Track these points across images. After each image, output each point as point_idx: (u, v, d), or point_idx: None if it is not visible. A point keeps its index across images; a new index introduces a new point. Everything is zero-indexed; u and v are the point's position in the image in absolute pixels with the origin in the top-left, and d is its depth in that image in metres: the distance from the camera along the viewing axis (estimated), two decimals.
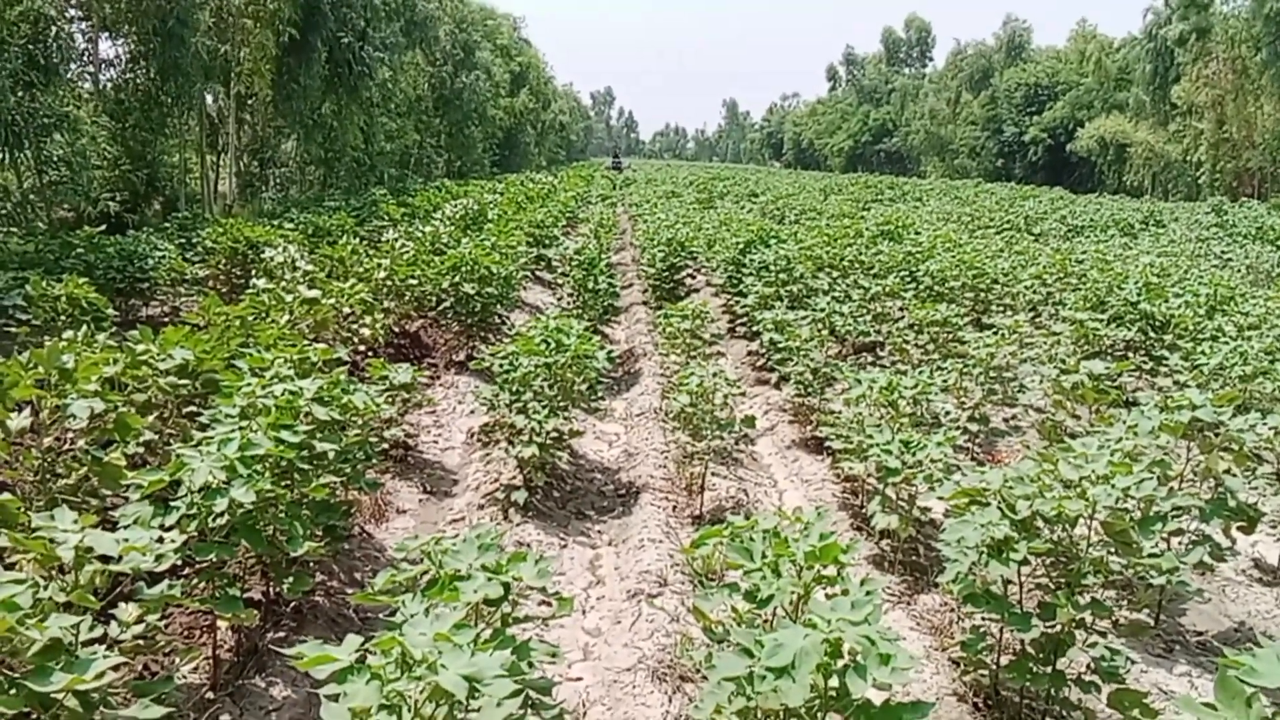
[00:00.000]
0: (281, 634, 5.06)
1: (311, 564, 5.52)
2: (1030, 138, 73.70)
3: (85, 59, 20.22)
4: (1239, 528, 5.52)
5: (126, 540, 3.62)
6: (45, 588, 3.31)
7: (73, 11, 19.35)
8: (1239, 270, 19.08)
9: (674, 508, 7.51)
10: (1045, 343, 10.07)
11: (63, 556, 3.48)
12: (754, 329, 12.02)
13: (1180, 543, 5.65)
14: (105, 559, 3.60)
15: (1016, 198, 42.46)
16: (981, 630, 4.58)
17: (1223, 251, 21.85)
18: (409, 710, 2.63)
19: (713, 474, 7.93)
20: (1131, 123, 59.72)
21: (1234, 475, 5.55)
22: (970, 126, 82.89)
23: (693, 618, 4.94)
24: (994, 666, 4.59)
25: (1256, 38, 46.13)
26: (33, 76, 15.90)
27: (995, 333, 9.73)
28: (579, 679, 5.07)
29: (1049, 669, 4.22)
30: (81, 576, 3.50)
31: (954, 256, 15.24)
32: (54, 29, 17.04)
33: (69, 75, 18.63)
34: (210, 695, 4.49)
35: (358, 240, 15.41)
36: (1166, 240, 24.84)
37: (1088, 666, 4.31)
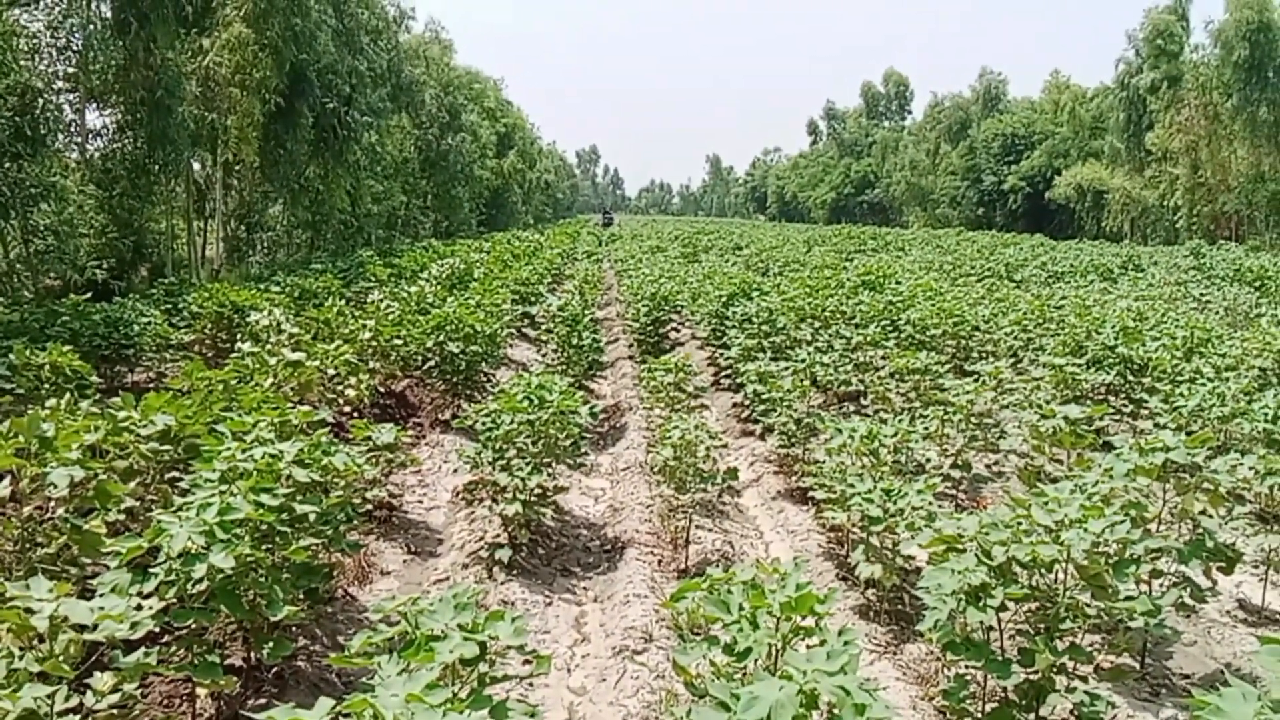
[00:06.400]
0: (262, 700, 5.01)
1: (293, 628, 5.49)
2: (1009, 186, 74.73)
3: (73, 129, 20.47)
4: (1219, 568, 5.55)
5: (102, 608, 3.62)
6: (20, 658, 3.30)
7: (60, 83, 19.62)
8: (1217, 312, 19.30)
9: (659, 562, 7.50)
10: (1025, 388, 10.15)
11: (38, 626, 3.47)
12: (738, 381, 12.08)
13: (1160, 585, 5.67)
14: (81, 628, 3.59)
15: (997, 245, 42.93)
16: (965, 678, 4.57)
17: (1201, 294, 22.10)
18: None
19: (698, 527, 7.93)
20: (1108, 170, 60.68)
21: (1210, 516, 5.60)
22: (950, 176, 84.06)
23: (676, 674, 4.92)
24: (978, 715, 4.57)
25: (1227, 84, 47.17)
26: (20, 147, 16.06)
27: (976, 379, 9.81)
28: None
29: (1031, 715, 4.22)
30: (56, 646, 3.49)
31: (934, 305, 15.40)
32: (41, 100, 17.27)
33: (56, 145, 18.83)
34: None
35: (344, 302, 15.51)
36: (1145, 284, 25.14)
37: (1070, 712, 4.31)
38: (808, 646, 3.60)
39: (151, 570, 4.20)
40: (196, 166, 26.55)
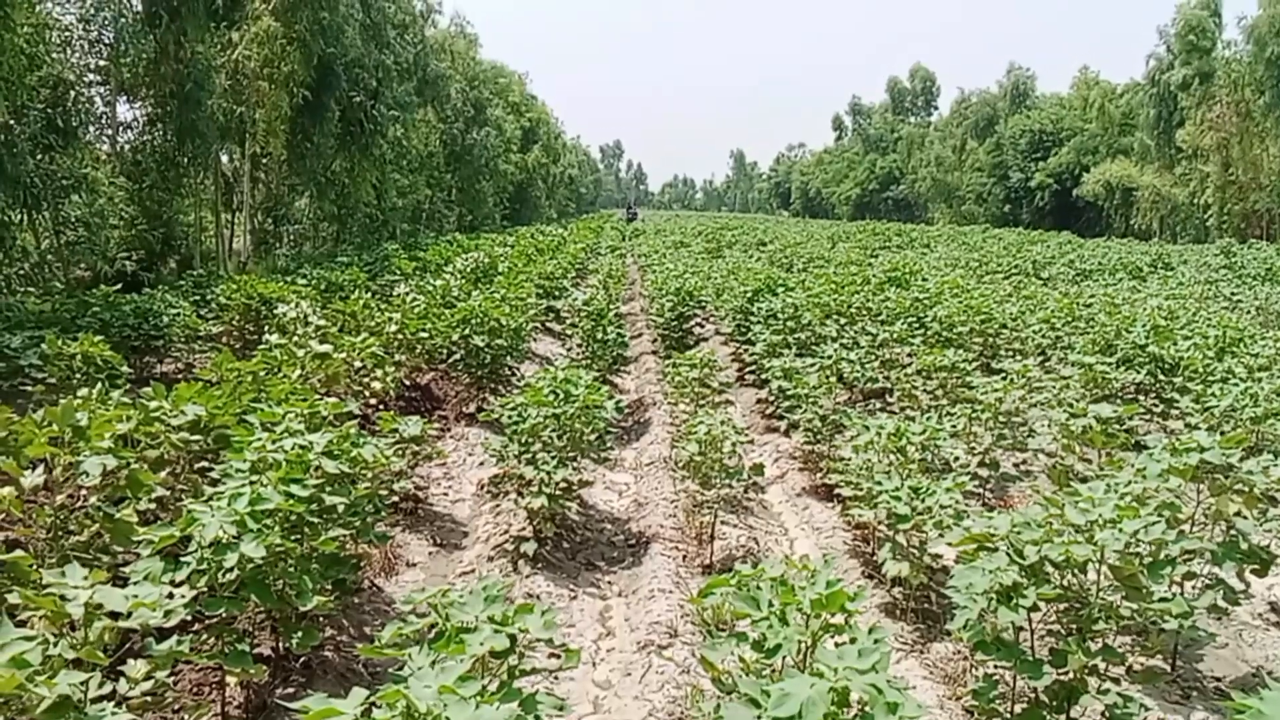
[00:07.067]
0: (291, 689, 5.04)
1: (321, 618, 5.52)
2: (1036, 183, 74.06)
3: (104, 121, 20.66)
4: (1252, 571, 5.47)
5: (136, 596, 3.65)
6: (55, 644, 3.33)
7: (92, 76, 19.81)
8: (1249, 312, 19.05)
9: (684, 557, 7.49)
10: (1054, 387, 10.06)
11: (72, 613, 3.50)
12: (763, 377, 12.05)
13: (1193, 587, 5.60)
14: (115, 615, 3.62)
15: (1024, 243, 42.56)
16: (994, 678, 4.53)
17: (1232, 293, 21.82)
18: None
19: (723, 523, 7.91)
20: (1137, 167, 60.04)
21: (1245, 518, 5.52)
22: (976, 173, 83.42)
23: (703, 669, 4.91)
24: (1007, 715, 4.53)
25: (1259, 81, 46.49)
26: (52, 139, 16.24)
27: (1004, 377, 9.73)
28: None
29: (1062, 717, 4.18)
30: (91, 633, 3.52)
31: (961, 302, 15.27)
32: (73, 93, 17.45)
33: (87, 138, 19.02)
34: None
35: (370, 295, 15.58)
36: (1175, 283, 24.83)
37: (1102, 714, 4.26)
38: (836, 644, 3.58)
39: (183, 559, 4.23)
40: (224, 159, 26.73)
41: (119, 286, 14.11)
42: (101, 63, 19.77)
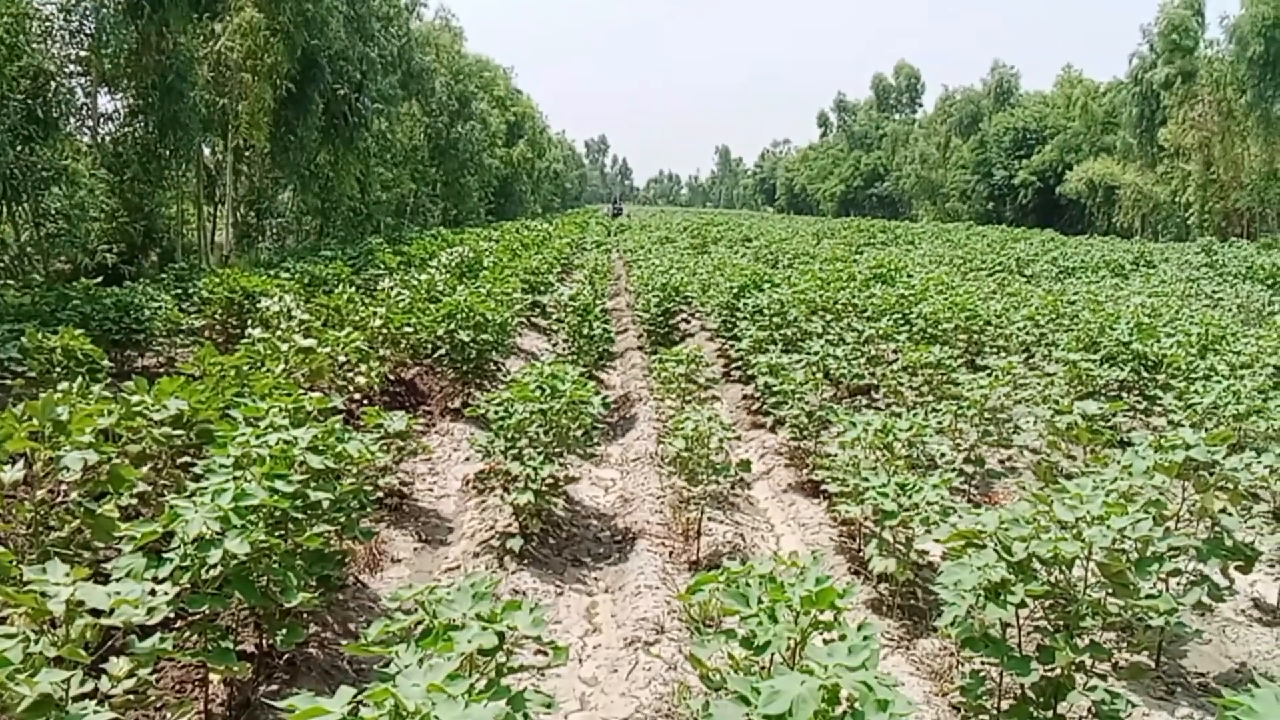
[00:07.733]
0: (274, 686, 5.00)
1: (305, 615, 5.47)
2: (1020, 181, 74.45)
3: (84, 113, 20.45)
4: (1236, 567, 5.51)
5: (118, 593, 3.60)
6: (36, 642, 3.28)
7: (73, 67, 19.59)
8: (1230, 309, 19.18)
9: (671, 553, 7.48)
10: (1039, 384, 10.09)
11: (54, 610, 3.45)
12: (749, 373, 12.05)
13: (1178, 583, 5.63)
14: (97, 612, 3.58)
15: (1008, 240, 42.77)
16: (981, 674, 4.54)
17: (1213, 291, 21.97)
18: None
19: (709, 519, 7.90)
20: (1120, 165, 60.40)
21: (1230, 514, 5.55)
22: (960, 170, 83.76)
23: (690, 665, 4.90)
24: (995, 711, 4.54)
25: (1241, 80, 46.82)
26: (32, 130, 16.07)
27: (989, 374, 9.76)
28: None
29: (1049, 713, 4.19)
30: (73, 630, 3.47)
31: (946, 299, 15.32)
32: (53, 84, 17.27)
33: (68, 129, 18.83)
34: None
35: (354, 289, 15.48)
36: (1157, 280, 24.98)
37: (1089, 710, 4.28)
38: (825, 641, 3.57)
39: (165, 555, 4.18)
40: (207, 152, 26.52)
41: (100, 279, 13.99)
42: (82, 53, 19.55)
